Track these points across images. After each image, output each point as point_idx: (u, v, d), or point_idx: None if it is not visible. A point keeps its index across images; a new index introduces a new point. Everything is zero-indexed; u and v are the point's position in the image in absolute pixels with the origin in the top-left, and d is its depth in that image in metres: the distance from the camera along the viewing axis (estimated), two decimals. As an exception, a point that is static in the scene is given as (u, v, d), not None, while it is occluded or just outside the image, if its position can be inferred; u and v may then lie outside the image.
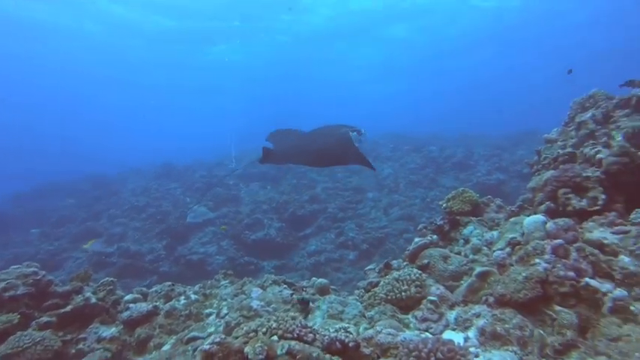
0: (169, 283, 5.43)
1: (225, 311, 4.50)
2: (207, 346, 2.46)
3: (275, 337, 2.69)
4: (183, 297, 4.99)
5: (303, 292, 4.83)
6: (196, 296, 5.01)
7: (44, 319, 4.37)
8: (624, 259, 3.42)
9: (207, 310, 4.76)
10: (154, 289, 5.34)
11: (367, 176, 19.94)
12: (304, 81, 55.46)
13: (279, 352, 2.51)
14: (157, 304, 4.87)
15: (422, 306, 3.60)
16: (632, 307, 3.09)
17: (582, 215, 4.27)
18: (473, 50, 44.59)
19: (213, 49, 39.78)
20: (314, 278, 5.15)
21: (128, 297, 5.03)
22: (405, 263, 4.89)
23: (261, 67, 45.79)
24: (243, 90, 55.51)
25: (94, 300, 4.76)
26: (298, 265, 14.26)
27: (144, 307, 4.68)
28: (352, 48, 43.32)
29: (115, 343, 4.35)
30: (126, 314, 4.60)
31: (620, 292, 3.21)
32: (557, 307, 3.19)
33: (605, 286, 3.28)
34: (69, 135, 66.30)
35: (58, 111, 55.19)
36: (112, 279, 5.27)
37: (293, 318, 2.88)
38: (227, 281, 5.47)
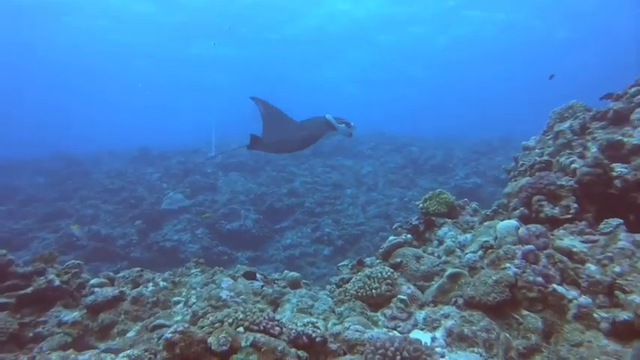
0: (138, 268, 5.32)
1: (193, 300, 4.43)
2: (170, 335, 2.40)
3: (241, 329, 2.64)
4: (151, 284, 4.89)
5: (274, 285, 4.79)
6: (165, 283, 4.91)
7: (1, 300, 4.20)
8: (591, 267, 3.48)
9: (176, 298, 4.68)
10: (121, 274, 5.22)
11: (347, 172, 19.98)
12: (289, 80, 55.17)
13: (243, 343, 2.47)
14: (124, 289, 4.76)
15: (392, 304, 3.60)
16: (595, 315, 3.15)
17: (554, 223, 4.34)
18: (461, 59, 45.15)
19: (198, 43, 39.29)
20: (286, 271, 5.13)
21: (94, 281, 4.89)
22: (378, 261, 4.89)
23: (249, 63, 45.57)
24: (230, 85, 55.13)
25: (57, 282, 4.61)
26: (272, 257, 14.20)
27: (109, 292, 4.57)
28: (340, 52, 43.45)
29: (76, 327, 4.22)
30: (90, 298, 4.47)
31: (585, 299, 3.26)
32: (524, 312, 3.23)
33: (571, 292, 3.33)
34: (42, 106, 63.86)
35: (32, 80, 52.48)
36: (78, 262, 5.13)
37: (261, 310, 2.84)
38: (198, 270, 5.39)
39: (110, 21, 33.88)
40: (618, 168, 4.40)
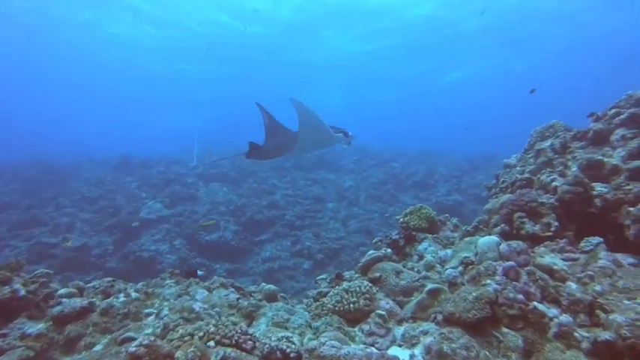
0: (110, 278, 5.11)
1: (165, 312, 4.25)
2: (134, 349, 2.26)
3: (211, 343, 2.52)
4: (122, 294, 4.69)
5: (250, 298, 4.66)
6: (137, 294, 4.72)
7: (-40, 311, 3.97)
8: (572, 285, 3.44)
9: (148, 310, 4.49)
10: (92, 284, 5.00)
11: (328, 186, 19.93)
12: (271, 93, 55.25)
13: (213, 358, 2.34)
14: (94, 300, 4.55)
15: (370, 319, 3.50)
16: (575, 334, 3.10)
17: (535, 240, 4.33)
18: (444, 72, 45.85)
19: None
20: (263, 284, 5.01)
21: (62, 291, 4.66)
22: (357, 275, 4.80)
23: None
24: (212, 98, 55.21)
25: (22, 292, 4.37)
26: (251, 270, 14.02)
27: (78, 302, 4.36)
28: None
29: (40, 340, 3.98)
30: (57, 309, 4.24)
31: (565, 318, 3.22)
32: (505, 329, 3.17)
33: (552, 311, 3.29)
34: (17, 109, 62.31)
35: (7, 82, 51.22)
36: (47, 271, 4.92)
37: (234, 323, 2.72)
38: (172, 281, 5.20)
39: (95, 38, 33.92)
40: (598, 187, 4.42)
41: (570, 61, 37.42)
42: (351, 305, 3.56)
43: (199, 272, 5.35)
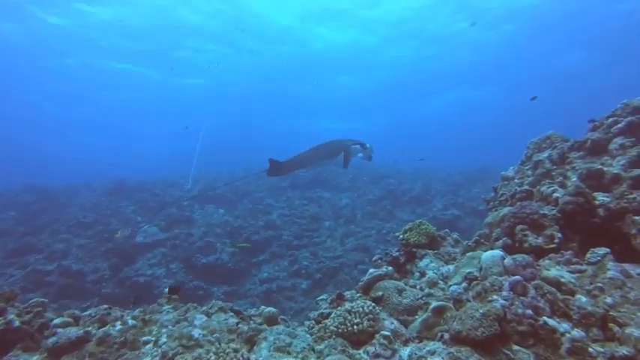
0: (105, 306, 4.96)
1: (163, 339, 4.11)
2: (132, 381, 2.16)
3: (212, 372, 2.41)
4: (119, 322, 4.54)
5: (250, 322, 4.53)
6: (134, 322, 4.58)
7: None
8: (581, 298, 3.35)
9: (145, 338, 4.35)
10: (87, 312, 4.85)
11: (325, 205, 19.85)
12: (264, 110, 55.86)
13: (214, 389, 2.23)
14: (90, 329, 4.40)
15: (374, 341, 3.38)
16: (590, 349, 2.99)
17: (539, 252, 4.23)
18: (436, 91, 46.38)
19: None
20: (262, 307, 4.87)
21: (57, 321, 4.51)
22: (358, 294, 4.69)
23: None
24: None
25: (17, 323, 4.23)
26: (249, 292, 13.82)
27: (73, 332, 4.21)
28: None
29: (35, 373, 3.86)
30: (51, 340, 4.10)
31: (578, 332, 3.12)
32: (515, 347, 3.06)
33: (563, 326, 3.19)
34: (14, 139, 62.32)
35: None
36: (42, 300, 4.76)
37: (235, 350, 2.61)
38: (170, 306, 5.05)
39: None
40: (600, 197, 4.36)
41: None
42: (355, 327, 3.45)
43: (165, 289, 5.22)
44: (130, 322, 4.58)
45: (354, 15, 30.00)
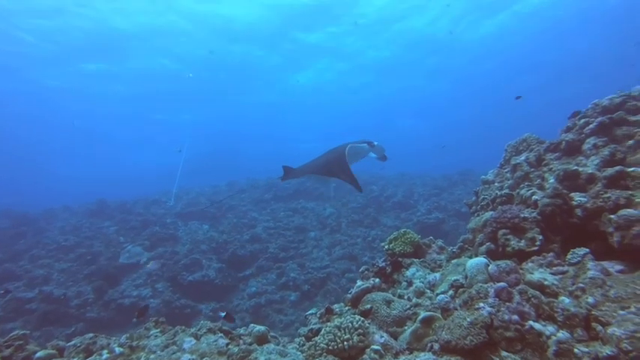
0: (91, 334, 4.86)
1: (152, 366, 4.06)
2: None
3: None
4: (106, 350, 4.46)
5: (240, 342, 4.49)
6: (121, 349, 4.49)
7: None
8: (565, 300, 3.42)
9: (133, 365, 4.29)
10: (72, 342, 4.74)
11: (309, 215, 19.85)
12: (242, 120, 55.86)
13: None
14: (75, 360, 4.33)
15: (365, 356, 3.40)
16: (576, 350, 3.04)
17: (521, 256, 4.30)
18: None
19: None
20: (252, 325, 4.83)
21: (40, 354, 4.40)
22: (346, 308, 4.71)
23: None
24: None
25: (-2, 359, 4.15)
26: (238, 307, 13.69)
27: (58, 364, 4.13)
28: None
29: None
30: (36, 375, 4.02)
31: (563, 334, 3.17)
32: (504, 353, 3.10)
33: (549, 328, 3.24)
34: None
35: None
36: (23, 332, 4.66)
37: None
38: (158, 330, 4.98)
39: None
40: (577, 197, 4.45)
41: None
42: (345, 343, 3.45)
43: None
44: (117, 349, 4.50)
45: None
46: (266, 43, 32.93)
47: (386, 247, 5.40)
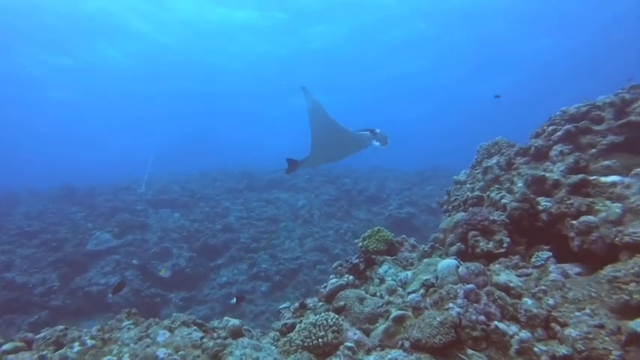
0: (62, 327, 4.81)
1: (126, 359, 4.08)
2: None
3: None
4: (77, 343, 4.43)
5: (214, 334, 4.55)
6: (93, 342, 4.47)
7: None
8: (528, 301, 3.62)
9: (106, 358, 4.28)
10: (41, 334, 4.67)
11: (282, 206, 19.92)
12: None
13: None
14: (45, 352, 4.27)
15: (339, 352, 3.52)
16: (535, 349, 3.25)
17: (489, 257, 4.53)
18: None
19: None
20: (226, 319, 4.88)
21: (7, 346, 4.30)
22: (320, 303, 4.82)
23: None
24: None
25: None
26: (208, 297, 13.71)
27: (27, 358, 4.08)
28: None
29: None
30: (2, 370, 3.96)
31: (524, 334, 3.37)
32: (470, 351, 3.28)
33: (512, 328, 3.44)
34: None
35: None
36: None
37: (204, 372, 2.65)
38: (130, 322, 4.98)
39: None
40: (543, 202, 4.68)
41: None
42: (320, 340, 3.57)
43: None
44: (89, 342, 4.47)
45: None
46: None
47: (360, 244, 5.54)
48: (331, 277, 5.23)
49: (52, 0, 25.26)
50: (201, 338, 4.31)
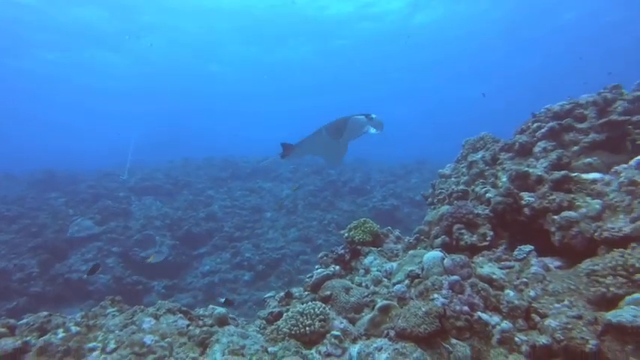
0: (46, 313, 4.76)
1: (112, 345, 4.06)
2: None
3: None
4: (61, 329, 4.41)
5: (200, 322, 4.57)
6: (78, 328, 4.45)
7: None
8: (510, 293, 3.73)
9: (91, 344, 4.26)
10: (25, 320, 4.61)
11: (266, 195, 19.89)
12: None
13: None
14: (28, 338, 4.23)
15: (326, 340, 3.59)
16: (516, 338, 3.37)
17: (473, 250, 4.63)
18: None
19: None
20: (211, 307, 4.90)
21: (-12, 332, 4.29)
22: (306, 293, 4.88)
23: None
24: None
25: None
26: (191, 285, 13.69)
27: (9, 344, 4.01)
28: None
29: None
30: (-17, 355, 3.91)
31: (506, 324, 3.48)
32: (454, 340, 3.37)
33: (494, 319, 3.54)
34: None
35: None
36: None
37: (193, 359, 2.68)
38: (115, 309, 4.96)
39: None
40: (526, 197, 4.78)
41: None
42: (307, 328, 3.62)
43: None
44: (74, 328, 4.44)
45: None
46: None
47: (346, 234, 5.59)
48: (317, 267, 5.28)
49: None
50: (187, 326, 4.33)
